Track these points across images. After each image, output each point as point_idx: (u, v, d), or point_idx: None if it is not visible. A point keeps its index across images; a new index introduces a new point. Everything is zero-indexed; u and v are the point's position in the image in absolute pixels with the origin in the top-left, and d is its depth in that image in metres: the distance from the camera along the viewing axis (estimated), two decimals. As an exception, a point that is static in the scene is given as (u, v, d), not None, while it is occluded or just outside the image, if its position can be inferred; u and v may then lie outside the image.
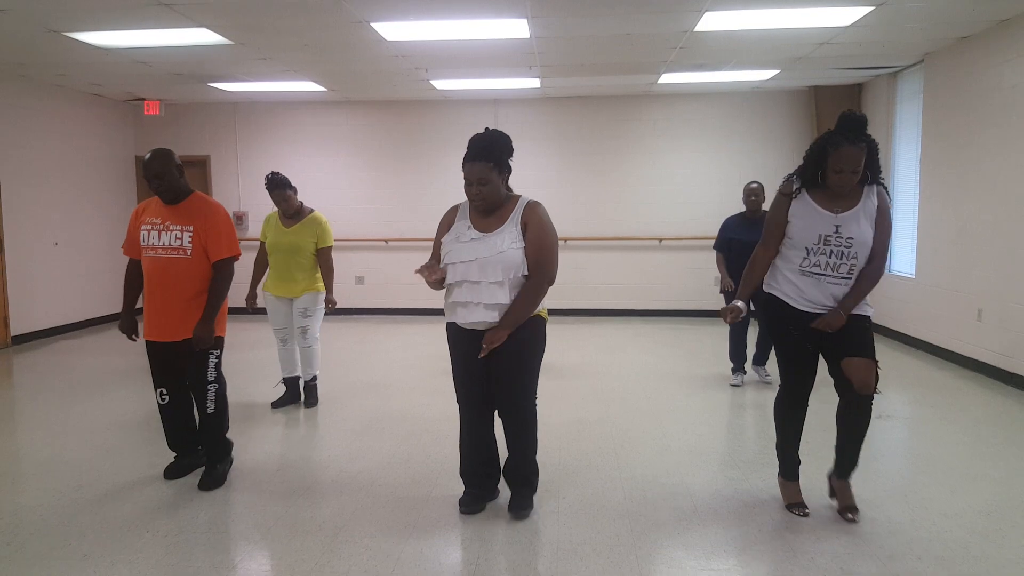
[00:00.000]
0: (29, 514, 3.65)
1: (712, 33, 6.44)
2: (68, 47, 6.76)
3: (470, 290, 3.34)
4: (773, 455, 4.52)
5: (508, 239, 3.32)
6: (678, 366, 7.09)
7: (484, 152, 3.29)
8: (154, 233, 3.88)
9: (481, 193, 3.31)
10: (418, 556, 3.19)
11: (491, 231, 3.35)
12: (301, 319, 5.43)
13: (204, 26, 6.07)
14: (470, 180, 3.31)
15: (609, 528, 3.45)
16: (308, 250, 5.35)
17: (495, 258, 3.29)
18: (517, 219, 3.36)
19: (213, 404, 4.01)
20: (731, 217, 6.31)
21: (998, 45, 6.30)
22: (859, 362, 3.35)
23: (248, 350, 7.69)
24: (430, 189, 10.06)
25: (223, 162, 10.52)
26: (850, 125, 3.25)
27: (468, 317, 3.37)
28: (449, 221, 3.50)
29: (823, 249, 3.35)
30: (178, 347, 3.94)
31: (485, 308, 3.33)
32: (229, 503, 3.79)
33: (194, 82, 8.69)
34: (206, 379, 3.98)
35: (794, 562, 3.12)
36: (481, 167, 3.28)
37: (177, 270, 3.85)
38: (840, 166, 3.21)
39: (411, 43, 6.76)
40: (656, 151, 9.97)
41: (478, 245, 3.33)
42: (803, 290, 3.42)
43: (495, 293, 3.32)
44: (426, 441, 4.75)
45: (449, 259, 3.38)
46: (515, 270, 3.31)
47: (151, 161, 3.84)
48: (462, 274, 3.34)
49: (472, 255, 3.32)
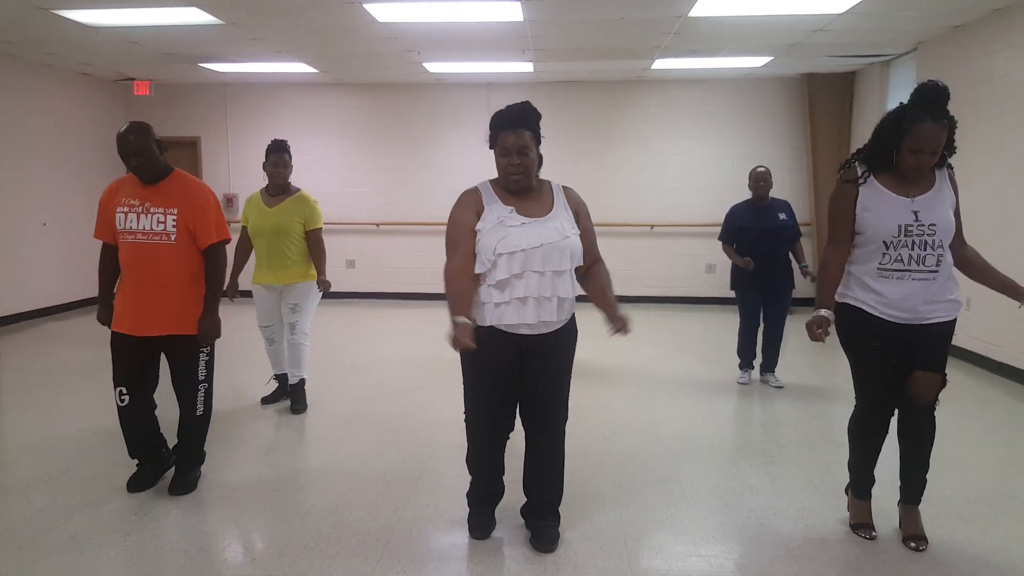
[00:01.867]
0: (16, 495, 3.65)
1: (706, 18, 6.41)
2: (57, 25, 6.67)
3: (531, 283, 2.83)
4: (761, 440, 4.56)
5: (568, 223, 2.93)
6: (667, 353, 7.11)
7: (523, 119, 2.88)
8: (132, 216, 3.47)
9: (523, 165, 2.86)
10: (407, 541, 3.20)
11: (543, 215, 2.91)
12: (290, 314, 4.92)
13: (195, 5, 6.00)
14: (509, 149, 2.85)
15: (598, 514, 3.47)
16: (295, 232, 4.82)
17: (563, 243, 2.86)
18: (564, 204, 2.99)
19: (202, 406, 3.67)
20: (737, 205, 5.83)
21: (991, 34, 6.30)
22: (923, 376, 3.01)
23: (236, 332, 7.66)
24: (422, 173, 10.00)
25: (213, 143, 10.44)
26: (932, 97, 2.82)
27: (538, 315, 2.86)
28: (476, 205, 2.94)
29: (904, 241, 2.91)
30: (157, 343, 3.56)
31: (548, 303, 2.86)
32: (216, 487, 3.78)
33: (185, 62, 8.60)
34: (197, 378, 3.63)
35: (781, 547, 3.14)
36: (522, 135, 2.85)
37: (160, 257, 3.46)
38: (919, 145, 2.81)
39: (403, 25, 6.70)
40: (649, 137, 9.95)
41: (538, 230, 2.85)
42: (884, 295, 2.98)
43: (560, 285, 2.87)
44: (417, 426, 4.75)
45: (504, 247, 2.82)
46: (577, 258, 2.93)
47: (127, 136, 3.46)
48: (523, 263, 2.82)
49: (535, 240, 2.83)
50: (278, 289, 4.93)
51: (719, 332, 8.07)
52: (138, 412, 3.64)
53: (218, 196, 10.21)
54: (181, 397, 3.66)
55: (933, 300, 2.97)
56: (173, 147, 10.51)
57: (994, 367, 6.24)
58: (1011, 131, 6.04)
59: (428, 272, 9.60)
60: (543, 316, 2.87)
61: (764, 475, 3.95)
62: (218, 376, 3.82)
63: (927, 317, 2.99)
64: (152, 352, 3.61)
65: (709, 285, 9.96)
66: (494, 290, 2.86)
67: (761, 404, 5.31)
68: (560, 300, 2.88)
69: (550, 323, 2.91)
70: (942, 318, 3.00)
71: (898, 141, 2.87)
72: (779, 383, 5.73)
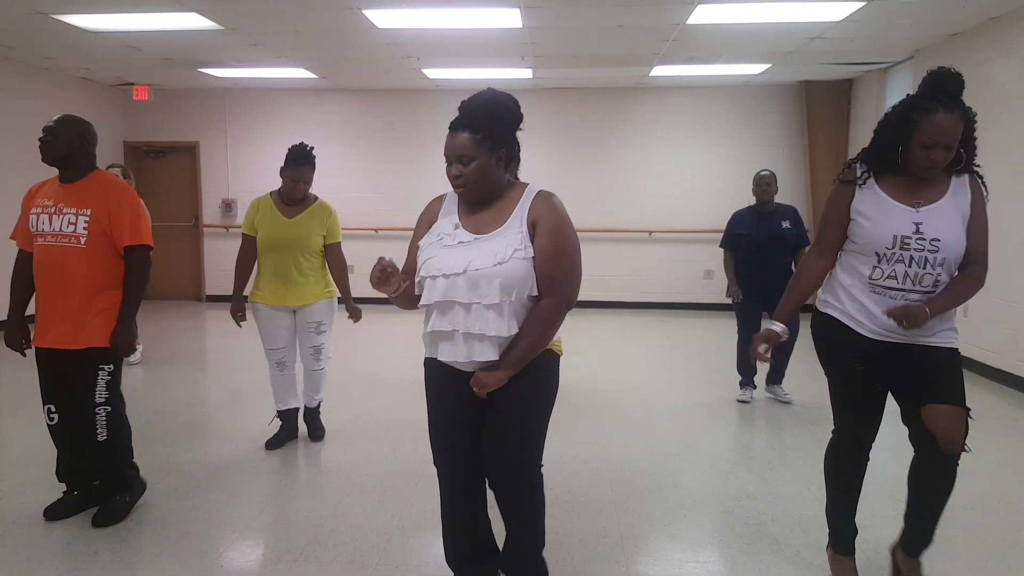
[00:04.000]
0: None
1: (704, 26, 6.43)
2: (56, 30, 6.67)
3: (457, 316, 2.33)
4: (759, 447, 4.57)
5: (510, 244, 2.31)
6: (666, 358, 7.11)
7: (470, 118, 2.35)
8: (44, 217, 3.18)
9: (463, 175, 2.34)
10: (404, 546, 3.20)
11: (486, 232, 2.37)
12: (314, 336, 4.32)
13: (194, 11, 6.01)
14: (448, 156, 2.37)
15: (596, 520, 3.47)
16: (315, 246, 4.25)
17: (491, 271, 2.28)
18: (523, 216, 2.37)
19: (104, 431, 3.27)
20: (740, 211, 5.59)
21: (987, 42, 6.33)
22: (946, 410, 2.54)
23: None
24: (422, 178, 10.01)
25: (212, 148, 10.43)
26: (944, 85, 2.47)
27: (454, 354, 2.37)
28: (430, 216, 2.53)
29: (899, 255, 2.53)
30: (68, 357, 3.21)
31: (478, 342, 2.33)
32: (214, 492, 3.77)
33: (184, 67, 8.61)
34: (94, 401, 3.23)
35: (779, 555, 3.14)
36: (462, 140, 2.33)
37: (69, 262, 3.15)
38: (930, 138, 2.44)
39: (403, 31, 6.72)
40: (647, 143, 9.97)
41: (468, 251, 2.33)
42: (872, 312, 2.60)
43: (491, 322, 2.31)
44: (414, 431, 4.74)
45: (427, 271, 2.36)
46: (519, 288, 2.31)
47: (57, 118, 3.23)
48: (444, 292, 2.32)
49: (459, 265, 2.30)
50: (291, 309, 4.29)
51: (718, 338, 8.07)
52: (66, 430, 3.32)
53: (216, 202, 10.46)
54: (81, 422, 3.26)
55: (931, 326, 2.56)
56: (172, 152, 10.53)
57: (991, 374, 6.25)
58: (1007, 139, 6.05)
59: (426, 277, 9.61)
60: (475, 356, 2.35)
61: (762, 482, 3.95)
62: (218, 383, 3.80)
63: (923, 340, 2.60)
64: (63, 367, 3.25)
65: (708, 291, 9.97)
66: (427, 318, 2.43)
67: (759, 411, 5.30)
68: (482, 339, 2.32)
69: (480, 362, 2.37)
70: (943, 343, 2.61)
71: (906, 135, 2.50)
72: (787, 397, 5.44)
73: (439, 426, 2.55)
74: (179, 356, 7.07)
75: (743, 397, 5.52)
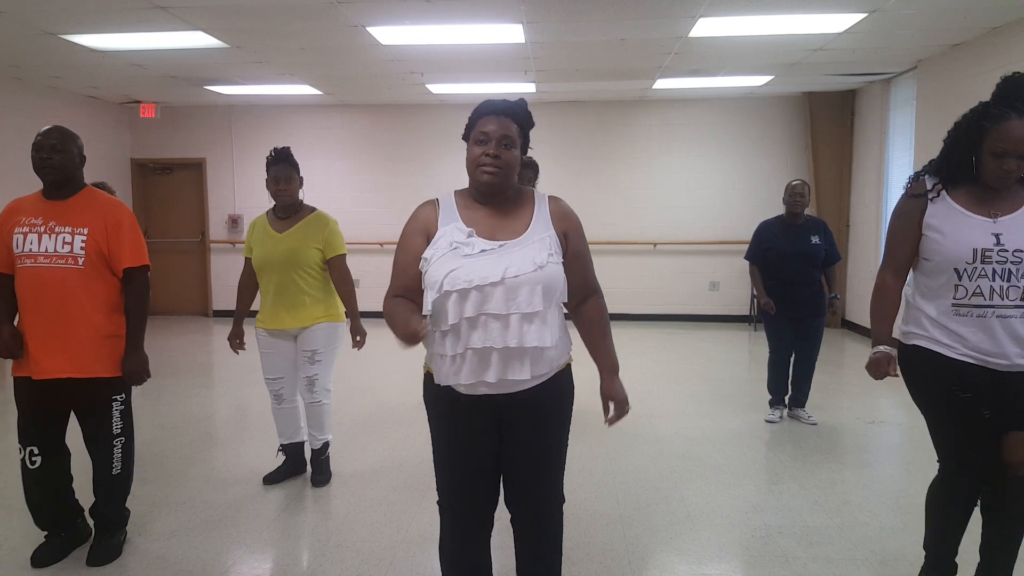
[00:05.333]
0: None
1: (706, 39, 6.45)
2: (63, 49, 6.74)
3: (491, 331, 2.12)
4: (765, 459, 4.55)
5: (543, 249, 2.18)
6: (671, 370, 7.10)
7: (513, 111, 2.24)
8: (33, 236, 2.94)
9: (502, 159, 2.17)
10: (410, 561, 3.19)
11: (511, 238, 2.20)
12: (308, 366, 3.93)
13: (200, 29, 6.07)
14: (489, 135, 2.18)
15: (602, 533, 3.46)
16: (312, 261, 3.87)
17: (532, 276, 2.12)
18: (547, 222, 2.25)
19: (120, 464, 3.12)
20: (767, 222, 5.29)
21: (990, 52, 6.34)
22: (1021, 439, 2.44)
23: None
24: (426, 193, 9.84)
25: (218, 165, 10.49)
26: (1018, 92, 2.38)
27: (501, 373, 2.15)
28: (426, 225, 2.29)
29: (981, 269, 2.39)
30: (67, 388, 2.98)
31: (516, 359, 2.14)
32: (220, 508, 3.78)
33: (190, 85, 8.68)
34: (111, 433, 3.07)
35: (787, 567, 3.13)
36: (509, 125, 2.20)
37: (65, 284, 2.92)
38: (1003, 147, 2.33)
39: (407, 47, 6.77)
40: (651, 156, 9.99)
41: (499, 259, 2.14)
42: (964, 337, 2.45)
43: (531, 332, 2.13)
44: (419, 445, 4.74)
45: (452, 283, 2.11)
46: (558, 294, 2.20)
47: (50, 131, 3.07)
48: (477, 306, 2.11)
49: (495, 274, 2.10)
50: (291, 334, 3.95)
51: (724, 350, 8.07)
52: (51, 476, 3.06)
53: (222, 217, 10.51)
54: (93, 455, 3.11)
55: None
56: (178, 168, 10.59)
57: None
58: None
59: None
60: (509, 374, 2.16)
61: (768, 494, 3.94)
62: (225, 399, 3.78)
63: (1019, 363, 2.43)
64: (63, 400, 3.04)
65: (712, 303, 9.96)
66: (447, 339, 2.17)
67: (764, 423, 5.29)
68: (534, 352, 2.16)
69: (520, 382, 2.19)
70: None
71: (978, 144, 2.40)
72: (812, 420, 5.22)
73: (457, 459, 2.30)
74: (185, 371, 7.09)
75: (771, 418, 5.29)
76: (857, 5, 5.51)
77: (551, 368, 2.25)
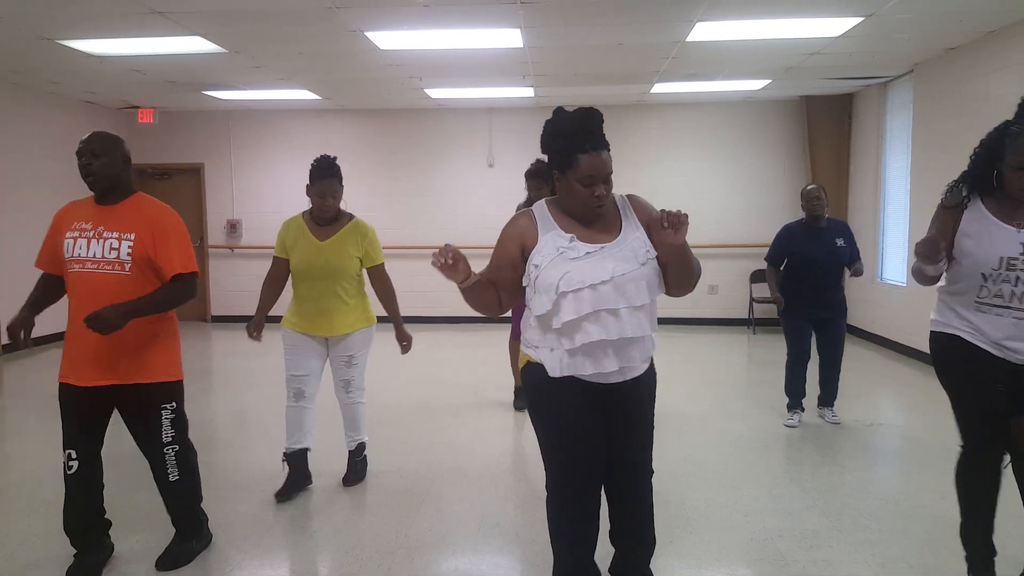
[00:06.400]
0: (15, 524, 3.64)
1: (704, 43, 6.47)
2: (61, 55, 6.75)
3: (615, 323, 2.36)
4: (764, 462, 4.55)
5: (640, 247, 2.43)
6: (671, 374, 7.08)
7: (600, 136, 2.44)
8: (82, 242, 2.94)
9: (607, 196, 2.43)
10: (408, 566, 3.19)
11: (609, 241, 2.42)
12: (345, 369, 3.98)
13: (198, 34, 6.08)
14: (595, 178, 2.37)
15: (601, 535, 3.44)
16: (353, 271, 3.90)
17: (638, 273, 2.37)
18: (632, 217, 2.49)
19: (176, 470, 3.09)
20: (789, 225, 5.27)
21: (986, 55, 6.36)
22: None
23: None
24: (425, 197, 10.03)
25: (217, 170, 10.49)
26: None
27: (619, 362, 2.41)
28: (522, 233, 2.46)
29: (1006, 276, 2.60)
30: (112, 394, 2.97)
31: (632, 347, 2.43)
32: (218, 512, 3.77)
33: (188, 90, 8.69)
34: (160, 440, 3.05)
35: (786, 570, 3.12)
36: (607, 159, 2.41)
37: (112, 290, 2.88)
38: (1020, 161, 2.54)
39: (405, 52, 6.78)
40: (649, 160, 10.00)
41: (604, 260, 2.36)
42: (981, 330, 2.70)
43: (642, 322, 2.42)
44: (420, 450, 4.74)
45: (567, 284, 2.32)
46: (657, 287, 2.46)
47: (90, 138, 3.02)
48: (595, 303, 2.33)
49: (604, 274, 2.33)
50: (324, 338, 3.97)
51: (722, 353, 8.08)
52: (84, 483, 3.03)
53: (221, 223, 10.49)
54: (152, 463, 3.11)
55: None
56: (177, 173, 10.60)
57: None
58: (1009, 151, 6.07)
59: (431, 296, 9.61)
60: (625, 362, 2.42)
61: (768, 497, 3.93)
62: (224, 403, 3.78)
63: None
64: (105, 406, 3.04)
65: (712, 306, 9.97)
66: (563, 336, 2.38)
67: (763, 426, 5.29)
68: (642, 341, 2.45)
69: (633, 369, 2.48)
70: None
71: (1000, 159, 2.61)
72: (836, 419, 5.24)
73: (577, 444, 2.46)
74: (185, 376, 7.06)
75: (791, 422, 5.24)
76: (854, 9, 5.53)
77: (651, 354, 2.55)
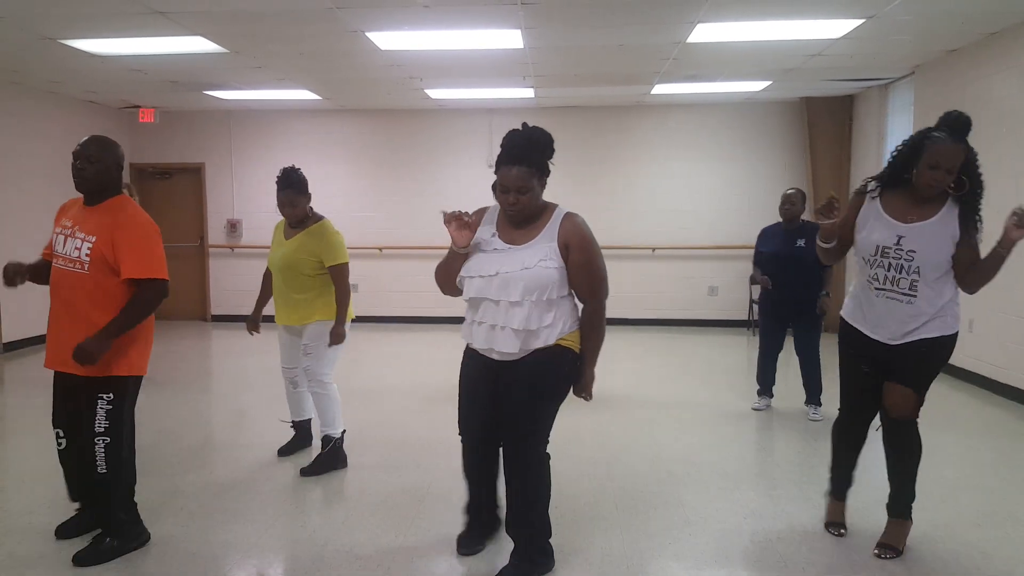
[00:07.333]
0: (17, 520, 3.65)
1: (704, 44, 6.47)
2: (63, 54, 6.75)
3: (492, 311, 2.89)
4: (763, 464, 4.56)
5: (537, 255, 2.86)
6: (670, 375, 7.10)
7: (525, 154, 2.83)
8: (61, 239, 3.16)
9: (519, 203, 2.84)
10: (408, 565, 3.19)
11: (519, 244, 2.90)
12: (303, 357, 4.36)
13: (199, 34, 6.08)
14: (507, 187, 2.82)
15: (600, 538, 3.46)
16: (305, 269, 4.21)
17: (517, 274, 2.83)
18: (553, 234, 2.90)
19: (104, 463, 3.12)
20: (768, 227, 5.70)
21: (987, 57, 6.36)
22: (894, 389, 3.15)
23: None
24: (424, 197, 10.03)
25: (217, 169, 10.51)
26: (953, 121, 2.99)
27: (487, 341, 2.93)
28: (476, 223, 2.99)
29: (879, 261, 3.10)
30: (73, 381, 3.14)
31: (504, 333, 2.88)
32: (218, 513, 3.77)
33: (189, 90, 8.69)
34: (93, 430, 3.10)
35: (785, 572, 3.13)
36: (521, 172, 2.81)
37: (71, 287, 3.09)
38: (935, 161, 2.94)
39: (406, 53, 6.78)
40: (649, 161, 10.01)
41: (501, 258, 2.88)
42: (864, 308, 3.23)
43: (516, 315, 2.84)
44: (418, 450, 4.74)
45: (467, 271, 2.92)
46: (540, 291, 2.83)
47: (88, 142, 3.21)
48: (479, 290, 2.90)
49: (492, 269, 2.87)
50: (297, 330, 4.40)
51: (721, 355, 8.08)
52: (71, 457, 3.26)
53: (221, 222, 10.49)
54: (85, 450, 3.15)
55: (908, 322, 3.10)
56: (178, 173, 10.61)
57: (997, 388, 6.22)
58: (1007, 153, 6.07)
59: (430, 296, 9.57)
60: (496, 345, 2.90)
61: (766, 499, 3.93)
62: (224, 403, 3.80)
63: (900, 338, 3.14)
64: (77, 393, 3.17)
65: (711, 307, 9.97)
66: (468, 311, 3.02)
67: (762, 428, 5.29)
68: (515, 331, 2.86)
69: (506, 353, 2.91)
70: (919, 336, 3.11)
71: (918, 158, 3.00)
72: (817, 417, 5.35)
73: (463, 396, 3.11)
74: (185, 376, 7.09)
75: (758, 405, 5.71)
76: (855, 11, 5.53)
77: (538, 343, 2.90)
